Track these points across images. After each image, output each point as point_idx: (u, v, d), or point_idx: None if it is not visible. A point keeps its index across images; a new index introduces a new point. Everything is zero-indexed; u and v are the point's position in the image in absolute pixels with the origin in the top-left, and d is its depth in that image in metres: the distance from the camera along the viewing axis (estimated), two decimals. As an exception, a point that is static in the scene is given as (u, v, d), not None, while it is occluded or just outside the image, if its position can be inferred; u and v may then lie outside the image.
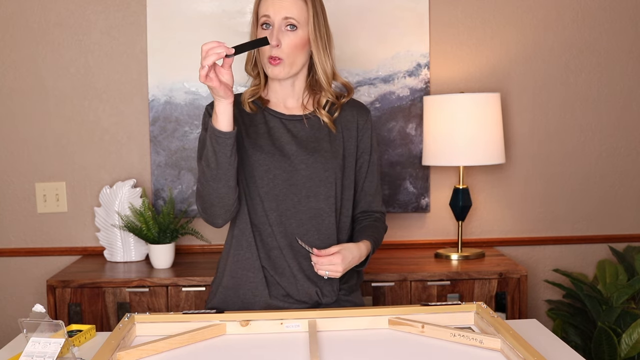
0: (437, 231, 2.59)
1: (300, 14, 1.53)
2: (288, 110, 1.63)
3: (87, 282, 2.17)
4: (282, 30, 1.53)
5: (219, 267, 1.69)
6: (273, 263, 1.60)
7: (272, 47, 1.52)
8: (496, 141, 2.31)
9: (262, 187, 1.57)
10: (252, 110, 1.61)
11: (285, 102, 1.64)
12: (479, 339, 1.28)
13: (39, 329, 1.24)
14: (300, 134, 1.60)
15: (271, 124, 1.61)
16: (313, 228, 1.58)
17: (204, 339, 1.36)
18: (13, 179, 2.52)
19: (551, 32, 2.55)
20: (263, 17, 1.54)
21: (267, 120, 1.61)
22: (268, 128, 1.60)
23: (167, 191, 2.48)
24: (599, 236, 2.63)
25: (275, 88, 1.63)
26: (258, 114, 1.62)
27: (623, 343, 2.13)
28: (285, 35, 1.53)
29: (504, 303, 2.22)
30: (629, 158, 2.62)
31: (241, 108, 1.62)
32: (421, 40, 2.50)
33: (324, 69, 1.58)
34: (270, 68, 1.55)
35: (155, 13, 2.46)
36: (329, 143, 1.61)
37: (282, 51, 1.53)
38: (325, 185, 1.58)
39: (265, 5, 1.54)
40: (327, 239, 1.60)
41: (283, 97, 1.63)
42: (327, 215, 1.60)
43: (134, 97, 2.50)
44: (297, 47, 1.54)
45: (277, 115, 1.62)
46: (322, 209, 1.59)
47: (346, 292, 1.66)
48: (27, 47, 2.48)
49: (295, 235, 1.57)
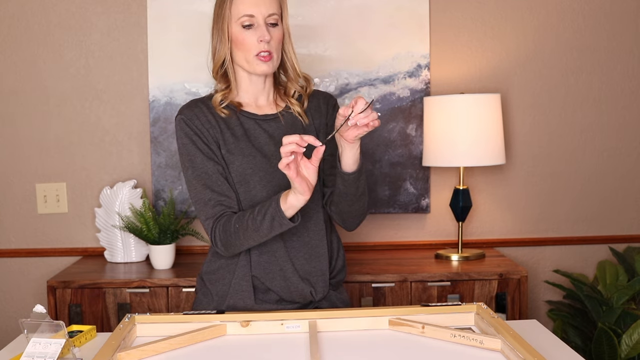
0: (438, 232, 2.59)
1: (278, 9, 1.57)
2: (260, 110, 1.63)
3: (87, 283, 2.17)
4: (267, 25, 1.55)
5: (204, 275, 1.69)
6: (264, 268, 1.59)
7: (264, 42, 1.54)
8: (496, 142, 2.31)
9: (249, 190, 1.57)
10: (226, 115, 1.61)
11: (257, 101, 1.64)
12: (479, 340, 1.28)
13: (39, 329, 1.25)
14: (276, 132, 1.61)
15: (247, 126, 1.61)
16: (301, 226, 1.58)
17: (205, 340, 1.36)
18: (13, 179, 2.52)
19: (551, 33, 2.55)
20: (244, 17, 1.54)
21: (242, 122, 1.61)
22: (244, 130, 1.60)
23: (167, 192, 2.48)
24: (599, 237, 2.63)
25: (247, 88, 1.63)
26: (232, 117, 1.61)
27: (623, 344, 2.13)
28: (271, 31, 1.55)
29: (504, 304, 2.22)
30: (629, 159, 2.62)
31: (214, 112, 1.61)
32: (421, 41, 2.50)
33: (292, 60, 1.63)
34: (258, 65, 1.56)
35: (155, 14, 2.46)
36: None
37: (271, 46, 1.55)
38: None
39: (245, 5, 1.54)
40: (317, 235, 1.61)
41: (254, 96, 1.64)
42: (314, 211, 1.60)
43: (134, 98, 2.50)
44: (280, 42, 1.58)
45: (251, 116, 1.62)
46: (309, 206, 1.58)
47: (334, 287, 1.67)
48: (28, 48, 2.48)
49: (286, 234, 1.57)
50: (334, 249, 1.68)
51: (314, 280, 1.61)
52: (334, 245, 1.68)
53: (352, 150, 1.46)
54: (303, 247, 1.60)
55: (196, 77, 2.47)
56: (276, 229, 1.46)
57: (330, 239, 1.66)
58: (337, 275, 1.68)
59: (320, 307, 1.63)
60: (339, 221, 1.65)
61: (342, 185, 1.52)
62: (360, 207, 1.60)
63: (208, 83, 2.46)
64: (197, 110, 1.60)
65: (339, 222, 1.66)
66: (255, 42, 1.54)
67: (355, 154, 1.47)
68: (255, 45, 1.54)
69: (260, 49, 1.54)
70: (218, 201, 1.55)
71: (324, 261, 1.62)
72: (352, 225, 1.66)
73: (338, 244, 1.70)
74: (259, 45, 1.54)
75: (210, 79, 2.45)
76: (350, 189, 1.52)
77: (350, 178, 1.50)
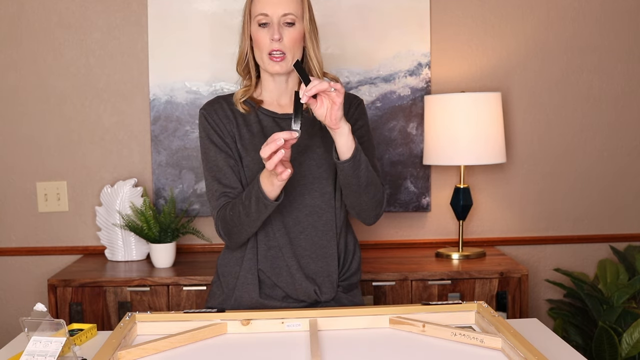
0: (438, 230, 2.59)
1: (297, 8, 1.55)
2: (281, 109, 1.63)
3: (88, 282, 2.17)
4: (281, 25, 1.54)
5: (218, 267, 1.69)
6: (271, 263, 1.60)
7: (275, 41, 1.53)
8: (497, 140, 2.31)
9: None
10: (245, 111, 1.62)
11: (279, 100, 1.64)
12: (480, 338, 1.28)
13: (40, 328, 1.25)
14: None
15: (264, 123, 1.61)
16: (310, 226, 1.58)
17: (205, 338, 1.36)
18: (14, 178, 2.52)
19: (552, 32, 2.55)
20: (259, 15, 1.54)
21: (260, 119, 1.62)
22: (261, 127, 1.61)
23: (168, 190, 2.48)
24: (600, 235, 2.63)
25: (269, 87, 1.63)
26: (251, 114, 1.62)
27: (624, 342, 2.13)
28: (284, 31, 1.54)
29: (505, 302, 2.22)
30: (629, 157, 2.62)
31: (234, 108, 1.62)
32: (422, 39, 2.50)
33: (316, 61, 1.60)
34: (271, 64, 1.55)
35: (156, 12, 2.46)
36: (320, 139, 1.61)
37: (284, 45, 1.54)
38: (320, 181, 1.59)
39: (261, 4, 1.54)
40: (326, 235, 1.60)
41: (277, 95, 1.64)
42: (324, 212, 1.60)
43: (135, 97, 2.50)
44: (296, 42, 1.56)
45: (270, 114, 1.62)
46: (319, 205, 1.58)
47: (344, 290, 1.66)
48: (28, 47, 2.48)
49: (293, 232, 1.57)
50: (348, 250, 1.66)
51: (320, 280, 1.60)
52: (349, 247, 1.66)
53: (342, 138, 1.43)
54: (311, 246, 1.60)
55: (197, 75, 2.47)
56: (262, 210, 1.46)
57: (344, 240, 1.65)
58: (350, 277, 1.67)
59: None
60: (355, 216, 1.62)
61: (341, 176, 1.50)
62: (370, 200, 1.55)
63: (209, 81, 2.47)
64: (217, 106, 1.62)
65: (356, 216, 1.62)
66: (268, 41, 1.54)
67: (347, 142, 1.43)
68: (267, 44, 1.54)
69: (272, 48, 1.53)
70: (223, 192, 1.57)
71: (332, 262, 1.61)
72: (368, 219, 1.62)
73: (354, 246, 1.68)
74: (271, 45, 1.53)
75: (211, 77, 2.47)
76: (351, 180, 1.49)
77: (345, 167, 1.46)
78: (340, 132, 1.42)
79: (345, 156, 1.45)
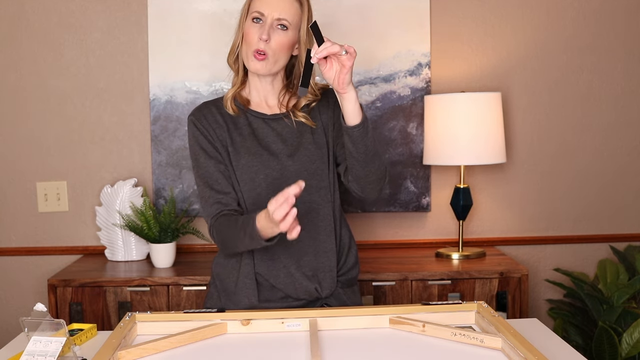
0: (438, 230, 2.59)
1: (294, 15, 1.56)
2: (270, 110, 1.64)
3: (88, 281, 2.17)
4: (273, 27, 1.54)
5: (214, 270, 1.70)
6: (268, 266, 1.59)
7: (262, 41, 1.53)
8: (497, 140, 2.31)
9: (254, 189, 1.58)
10: (235, 112, 1.62)
11: (267, 101, 1.65)
12: (480, 338, 1.28)
13: (40, 328, 1.25)
14: (284, 131, 1.61)
15: (254, 125, 1.62)
16: (310, 222, 1.59)
17: (205, 338, 1.36)
18: (14, 178, 2.52)
19: (552, 32, 2.55)
20: (255, 12, 1.55)
21: (250, 121, 1.62)
22: (252, 129, 1.61)
23: (168, 190, 2.48)
24: (600, 235, 2.63)
25: (256, 86, 1.64)
26: (240, 117, 1.62)
27: (624, 342, 2.13)
28: (275, 33, 1.55)
29: (505, 302, 2.22)
30: (629, 157, 2.62)
31: (224, 112, 1.62)
32: (422, 39, 2.50)
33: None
34: (252, 62, 1.56)
35: (156, 12, 2.46)
36: (311, 135, 1.62)
37: (269, 47, 1.55)
38: (314, 177, 1.59)
39: (260, 3, 1.55)
40: (325, 230, 1.61)
41: (264, 95, 1.64)
42: (322, 207, 1.60)
43: (135, 97, 2.50)
44: (284, 47, 1.56)
45: (259, 115, 1.63)
46: (316, 201, 1.59)
47: (343, 285, 1.66)
48: (28, 47, 2.48)
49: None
50: (344, 244, 1.66)
51: (322, 276, 1.61)
52: (344, 241, 1.67)
53: (350, 104, 1.44)
54: (310, 243, 1.60)
55: (197, 75, 2.47)
56: (256, 245, 1.46)
57: (340, 233, 1.65)
58: (348, 272, 1.67)
59: (329, 305, 1.62)
60: (359, 191, 1.60)
61: (350, 144, 1.49)
62: (376, 170, 1.55)
63: (209, 81, 2.46)
64: (206, 111, 1.62)
65: (359, 192, 1.60)
66: (256, 38, 1.55)
67: (355, 108, 1.45)
68: (255, 41, 1.55)
69: (258, 47, 1.54)
70: (216, 199, 1.57)
71: (331, 257, 1.62)
72: (372, 192, 1.60)
73: (350, 240, 1.69)
74: (257, 43, 1.55)
75: (211, 77, 2.47)
76: (360, 147, 1.48)
77: (354, 132, 1.47)
78: (347, 97, 1.44)
79: (354, 122, 1.46)
